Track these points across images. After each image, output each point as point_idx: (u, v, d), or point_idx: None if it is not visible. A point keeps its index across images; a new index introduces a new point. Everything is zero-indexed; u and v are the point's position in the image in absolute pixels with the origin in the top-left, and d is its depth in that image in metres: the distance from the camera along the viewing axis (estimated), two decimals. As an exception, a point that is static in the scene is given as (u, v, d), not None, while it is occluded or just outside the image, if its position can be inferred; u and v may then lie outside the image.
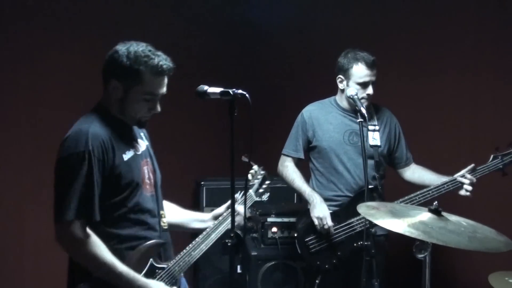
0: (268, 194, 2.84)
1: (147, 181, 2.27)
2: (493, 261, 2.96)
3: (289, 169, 3.40)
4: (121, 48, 2.21)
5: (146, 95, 2.20)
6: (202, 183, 4.06)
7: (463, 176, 3.12)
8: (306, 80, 4.47)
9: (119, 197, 2.15)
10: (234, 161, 2.15)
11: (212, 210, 2.57)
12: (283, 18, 4.52)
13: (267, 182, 2.73)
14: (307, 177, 3.42)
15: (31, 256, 3.89)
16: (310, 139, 3.36)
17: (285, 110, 4.45)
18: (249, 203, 2.61)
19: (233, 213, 2.19)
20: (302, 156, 3.40)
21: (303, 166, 3.45)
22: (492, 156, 3.13)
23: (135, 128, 2.33)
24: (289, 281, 3.60)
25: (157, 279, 2.22)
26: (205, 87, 2.26)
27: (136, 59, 2.17)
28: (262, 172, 2.73)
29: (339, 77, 3.26)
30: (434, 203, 2.26)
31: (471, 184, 3.10)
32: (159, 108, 2.27)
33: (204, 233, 2.42)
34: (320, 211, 3.18)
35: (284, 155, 3.44)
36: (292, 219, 3.59)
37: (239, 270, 3.77)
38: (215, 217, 2.50)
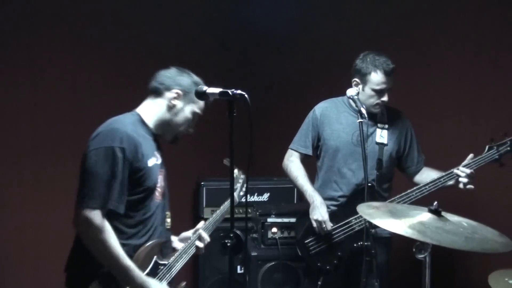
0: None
1: (159, 188, 2.44)
2: (493, 261, 2.95)
3: (294, 165, 3.36)
4: (186, 72, 2.54)
5: (195, 112, 2.52)
6: (202, 183, 4.06)
7: (458, 169, 3.04)
8: (306, 80, 4.47)
9: (135, 197, 2.31)
10: (234, 161, 2.18)
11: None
12: (283, 19, 4.51)
13: (245, 185, 2.91)
14: (312, 174, 3.39)
15: (31, 256, 3.88)
16: (320, 136, 3.33)
17: (284, 111, 4.46)
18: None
19: (232, 213, 2.22)
20: (310, 152, 3.36)
21: (308, 163, 3.41)
22: (487, 146, 3.06)
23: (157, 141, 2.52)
24: (289, 281, 3.60)
25: (159, 273, 2.42)
26: (204, 88, 2.29)
27: (199, 81, 2.51)
28: (242, 176, 2.91)
29: (355, 80, 3.19)
30: (434, 203, 2.26)
31: (468, 176, 3.02)
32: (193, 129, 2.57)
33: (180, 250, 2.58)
34: (319, 214, 3.15)
35: (292, 149, 3.40)
36: (292, 220, 3.59)
37: (239, 271, 3.77)
38: (182, 240, 2.64)
